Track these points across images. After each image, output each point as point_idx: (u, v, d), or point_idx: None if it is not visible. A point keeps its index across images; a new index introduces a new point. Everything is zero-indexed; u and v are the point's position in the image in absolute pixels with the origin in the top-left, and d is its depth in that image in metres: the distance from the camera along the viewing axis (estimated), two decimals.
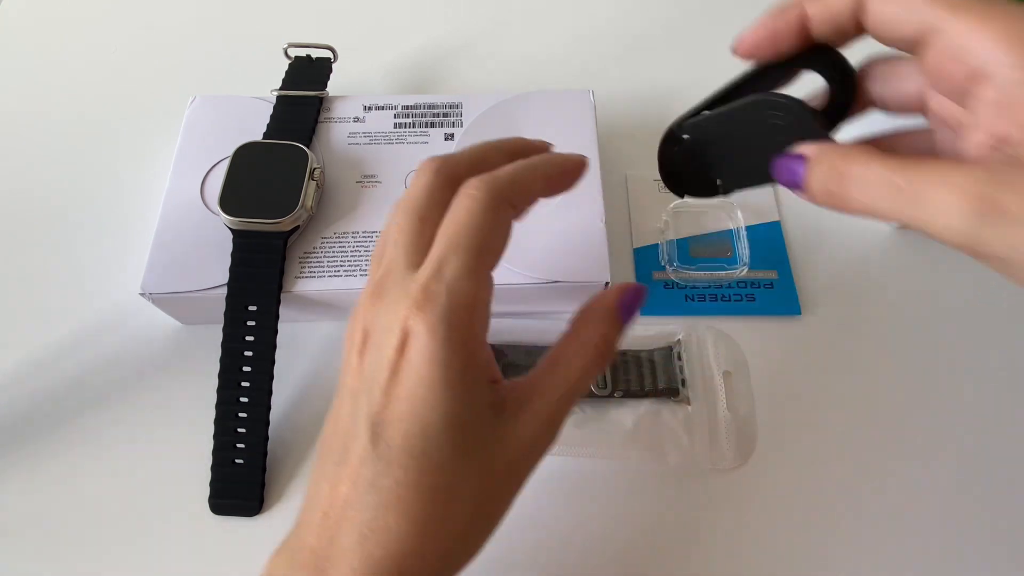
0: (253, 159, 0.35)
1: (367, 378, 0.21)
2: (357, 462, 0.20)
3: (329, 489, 0.21)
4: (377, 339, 0.21)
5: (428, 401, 0.20)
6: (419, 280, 0.21)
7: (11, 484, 0.33)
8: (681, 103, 0.46)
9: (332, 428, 0.22)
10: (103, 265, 0.39)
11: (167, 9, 0.50)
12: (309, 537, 0.21)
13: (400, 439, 0.20)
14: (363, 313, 0.22)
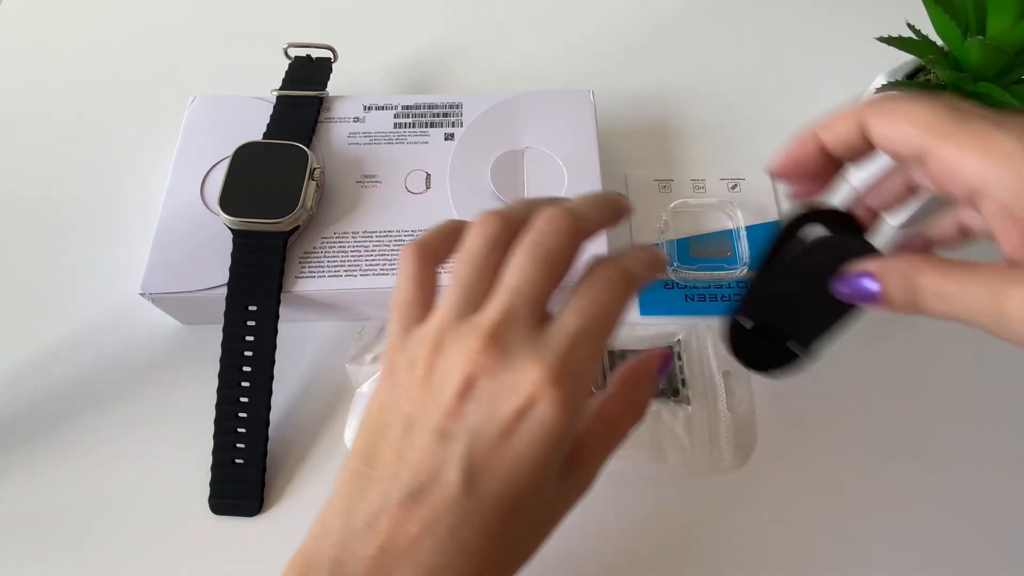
0: (253, 159, 0.35)
1: (470, 426, 0.20)
2: (441, 505, 0.20)
3: (392, 525, 0.20)
4: (493, 391, 0.20)
5: (532, 467, 0.20)
6: (554, 350, 0.20)
7: (11, 484, 0.33)
8: (681, 103, 0.46)
9: (395, 454, 0.21)
10: (103, 265, 0.39)
11: (167, 9, 0.50)
12: (356, 567, 0.20)
13: (494, 495, 0.20)
14: (473, 354, 0.20)
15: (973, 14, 0.33)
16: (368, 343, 0.35)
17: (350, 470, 0.22)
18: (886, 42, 0.34)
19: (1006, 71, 0.33)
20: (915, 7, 0.34)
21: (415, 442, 0.21)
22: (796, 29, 0.50)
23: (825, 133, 0.25)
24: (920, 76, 0.38)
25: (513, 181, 0.37)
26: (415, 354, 0.22)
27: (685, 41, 0.49)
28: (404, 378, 0.22)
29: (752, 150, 0.44)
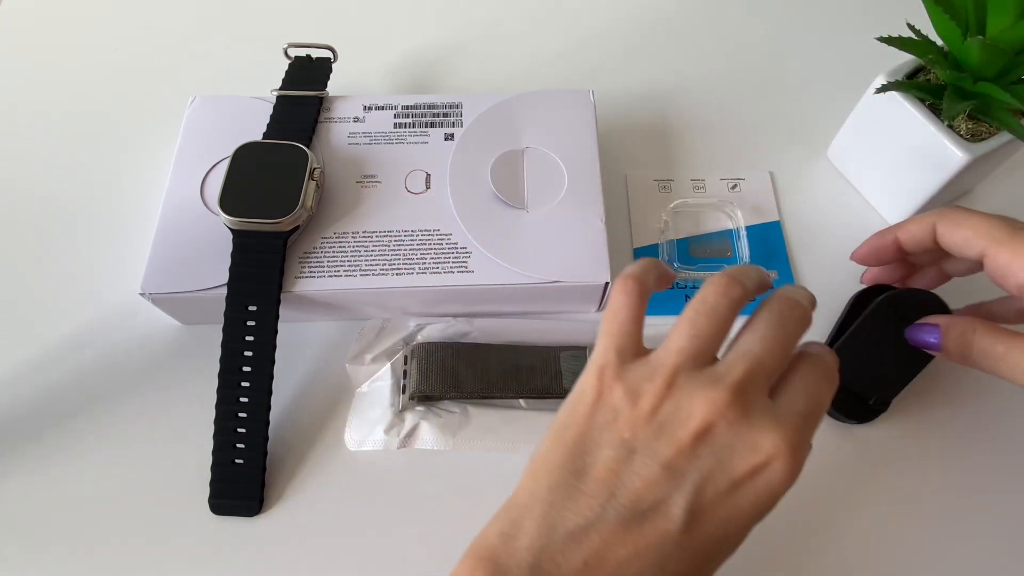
0: (253, 159, 0.35)
1: (701, 469, 0.21)
2: (657, 536, 0.21)
3: (602, 542, 0.21)
4: (730, 443, 0.22)
5: (749, 522, 0.22)
6: (793, 424, 0.22)
7: (11, 484, 0.33)
8: (681, 103, 0.46)
9: (612, 474, 0.22)
10: (103, 265, 0.39)
11: (167, 9, 0.50)
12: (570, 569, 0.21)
13: (707, 539, 0.21)
14: (719, 404, 0.22)
15: (973, 14, 0.33)
16: (368, 343, 0.35)
17: (554, 478, 0.22)
18: (886, 42, 0.34)
19: (1006, 71, 0.33)
20: (915, 7, 0.34)
21: (637, 469, 0.22)
22: (796, 29, 0.50)
23: (902, 233, 0.31)
24: (920, 76, 0.38)
25: (513, 181, 0.37)
26: (641, 387, 0.22)
27: (685, 41, 0.49)
28: (623, 406, 0.22)
29: (752, 150, 0.44)
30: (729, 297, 0.24)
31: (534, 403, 0.34)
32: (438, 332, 0.36)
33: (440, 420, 0.33)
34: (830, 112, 0.44)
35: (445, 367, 0.34)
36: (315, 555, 0.31)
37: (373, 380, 0.35)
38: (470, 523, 0.32)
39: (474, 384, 0.34)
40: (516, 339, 0.36)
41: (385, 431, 0.33)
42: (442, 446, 0.33)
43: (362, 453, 0.34)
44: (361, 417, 0.34)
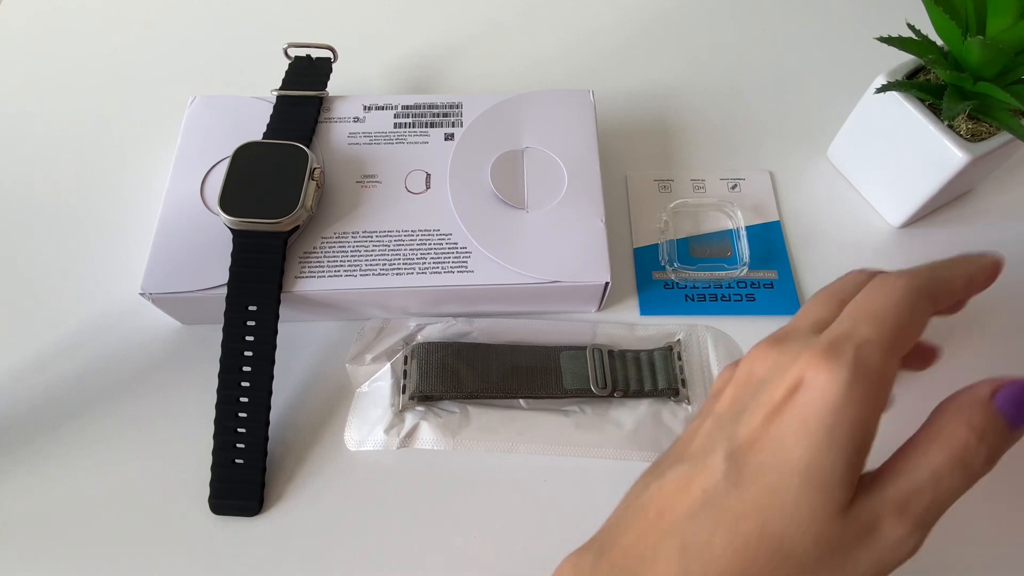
0: (253, 159, 0.35)
1: (740, 409, 0.21)
2: (704, 474, 0.20)
3: (659, 494, 0.21)
4: (763, 376, 0.21)
5: (797, 439, 0.19)
6: (825, 336, 0.20)
7: (11, 484, 0.33)
8: (681, 103, 0.46)
9: (683, 443, 0.23)
10: (103, 265, 0.39)
11: (167, 9, 0.50)
12: (624, 537, 0.22)
13: (755, 466, 0.19)
14: (755, 354, 0.22)
15: (973, 14, 0.33)
16: (368, 343, 0.35)
17: (653, 463, 0.24)
18: (886, 42, 0.34)
19: (1006, 71, 0.33)
20: (915, 7, 0.34)
21: (703, 430, 0.22)
22: (796, 29, 0.50)
23: None
24: (920, 76, 0.38)
25: (513, 181, 0.37)
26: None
27: (685, 41, 0.49)
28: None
29: (752, 150, 0.44)
30: (861, 277, 0.23)
31: (534, 403, 0.34)
32: (438, 332, 0.36)
33: (440, 420, 0.33)
34: (830, 112, 0.44)
35: (445, 367, 0.34)
36: (315, 555, 0.31)
37: (373, 380, 0.35)
38: (470, 523, 0.32)
39: (474, 384, 0.34)
40: (516, 339, 0.36)
41: (385, 431, 0.33)
42: (442, 446, 0.33)
43: (362, 453, 0.34)
44: (361, 417, 0.34)
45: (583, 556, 0.22)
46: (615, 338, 0.36)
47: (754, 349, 0.22)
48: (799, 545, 0.19)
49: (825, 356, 0.19)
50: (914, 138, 0.36)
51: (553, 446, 0.33)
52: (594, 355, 0.35)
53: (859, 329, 0.20)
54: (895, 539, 0.19)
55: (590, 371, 0.34)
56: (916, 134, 0.36)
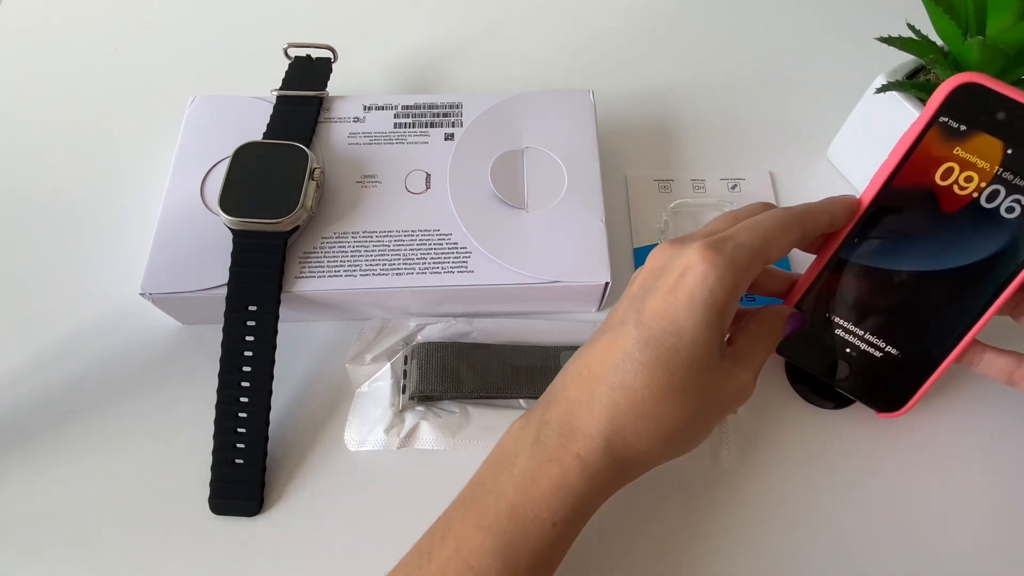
0: (253, 159, 0.35)
1: (647, 288, 0.28)
2: (622, 338, 0.26)
3: (589, 358, 0.27)
4: (663, 266, 0.28)
5: (687, 312, 0.26)
6: (712, 237, 0.27)
7: (11, 484, 0.33)
8: (681, 103, 0.46)
9: (608, 321, 0.28)
10: (103, 265, 0.39)
11: (167, 9, 0.50)
12: (565, 392, 0.27)
13: (657, 330, 0.26)
14: (657, 250, 0.29)
15: (973, 14, 0.33)
16: (368, 343, 0.35)
17: None
18: (886, 42, 0.34)
19: (1006, 71, 0.33)
20: (915, 7, 0.34)
21: (621, 306, 0.28)
22: (796, 29, 0.50)
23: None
24: (920, 76, 0.38)
25: (513, 181, 0.37)
26: None
27: (685, 41, 0.49)
28: None
29: (752, 150, 0.44)
30: (758, 207, 0.30)
31: (534, 403, 0.34)
32: (438, 332, 0.36)
33: (440, 420, 0.33)
34: (830, 112, 0.44)
35: (445, 367, 0.34)
36: (315, 555, 0.31)
37: (373, 380, 0.35)
38: None
39: (474, 384, 0.34)
40: (516, 339, 0.36)
41: (385, 431, 0.33)
42: (442, 446, 0.33)
43: (362, 453, 0.33)
44: (361, 417, 0.34)
45: (531, 414, 0.27)
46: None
47: (657, 247, 0.29)
48: (691, 382, 0.26)
49: (708, 248, 0.26)
50: None
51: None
52: None
53: (739, 235, 0.27)
54: (744, 396, 0.29)
55: None
56: None
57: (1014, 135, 0.27)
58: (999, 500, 0.33)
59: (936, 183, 0.28)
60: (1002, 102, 0.27)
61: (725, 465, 0.33)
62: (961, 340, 0.29)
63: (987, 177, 0.28)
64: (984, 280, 0.28)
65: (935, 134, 0.28)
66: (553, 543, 0.25)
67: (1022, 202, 0.27)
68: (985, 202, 0.28)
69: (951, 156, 0.28)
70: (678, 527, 0.32)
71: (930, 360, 0.30)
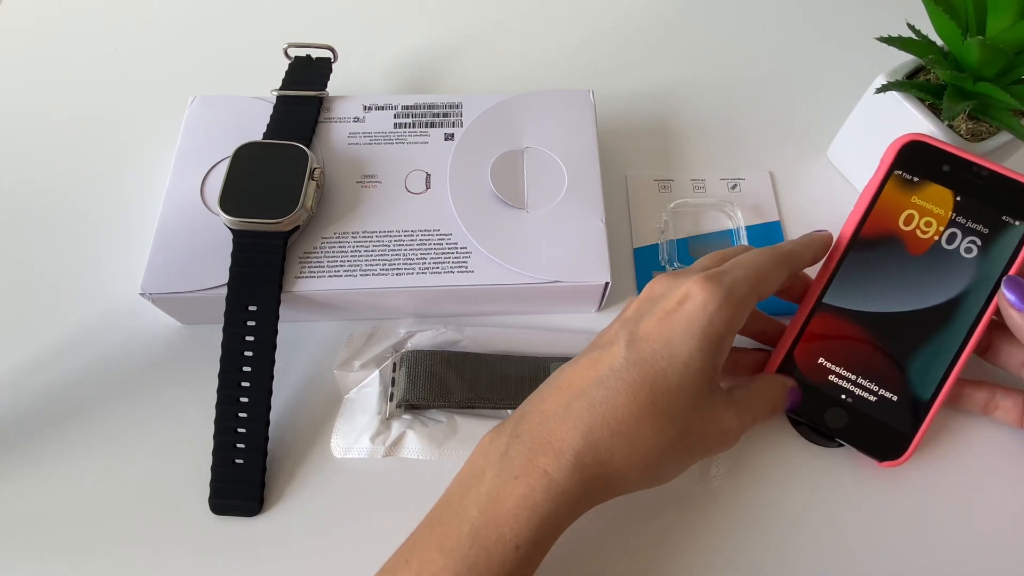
0: (253, 159, 0.35)
1: (642, 313, 0.28)
2: (610, 356, 0.26)
3: (571, 374, 0.27)
4: (661, 294, 0.28)
5: (683, 337, 0.26)
6: (709, 271, 0.28)
7: (11, 484, 0.33)
8: (681, 103, 0.46)
9: (597, 340, 0.29)
10: (103, 265, 0.39)
11: (167, 9, 0.50)
12: (541, 405, 0.27)
13: (648, 353, 0.26)
14: (655, 281, 0.29)
15: (973, 14, 0.33)
16: (357, 349, 0.35)
17: None
18: (886, 42, 0.34)
19: (1006, 71, 0.33)
20: (915, 7, 0.34)
21: (612, 328, 0.29)
22: (796, 29, 0.50)
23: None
24: (920, 76, 0.38)
25: (513, 181, 0.37)
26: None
27: (684, 41, 0.49)
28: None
29: (752, 150, 0.44)
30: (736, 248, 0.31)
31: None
32: (428, 340, 0.36)
33: (427, 430, 0.33)
34: (830, 112, 0.44)
35: (433, 375, 0.34)
36: (315, 555, 0.31)
37: (361, 387, 0.35)
38: None
39: (462, 393, 0.34)
40: (506, 348, 0.36)
41: (371, 439, 0.33)
42: (428, 456, 0.33)
43: (348, 460, 0.33)
44: (349, 424, 0.34)
45: (502, 426, 0.27)
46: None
47: (655, 278, 0.29)
48: (675, 409, 0.26)
49: (708, 280, 0.27)
50: None
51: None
52: None
53: (735, 270, 0.28)
54: (727, 442, 0.29)
55: None
56: None
57: (959, 185, 0.31)
58: (998, 525, 0.33)
59: (901, 228, 0.31)
60: (944, 157, 0.31)
61: (714, 483, 0.33)
62: (948, 378, 0.30)
63: (943, 221, 0.31)
64: (959, 318, 0.30)
65: (893, 186, 0.32)
66: (518, 566, 0.24)
67: (977, 243, 0.30)
68: (946, 244, 0.31)
69: (910, 204, 0.31)
70: (661, 544, 0.31)
71: (923, 403, 0.31)
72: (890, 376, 0.31)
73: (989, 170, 0.30)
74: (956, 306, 0.30)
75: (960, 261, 0.30)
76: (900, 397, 0.31)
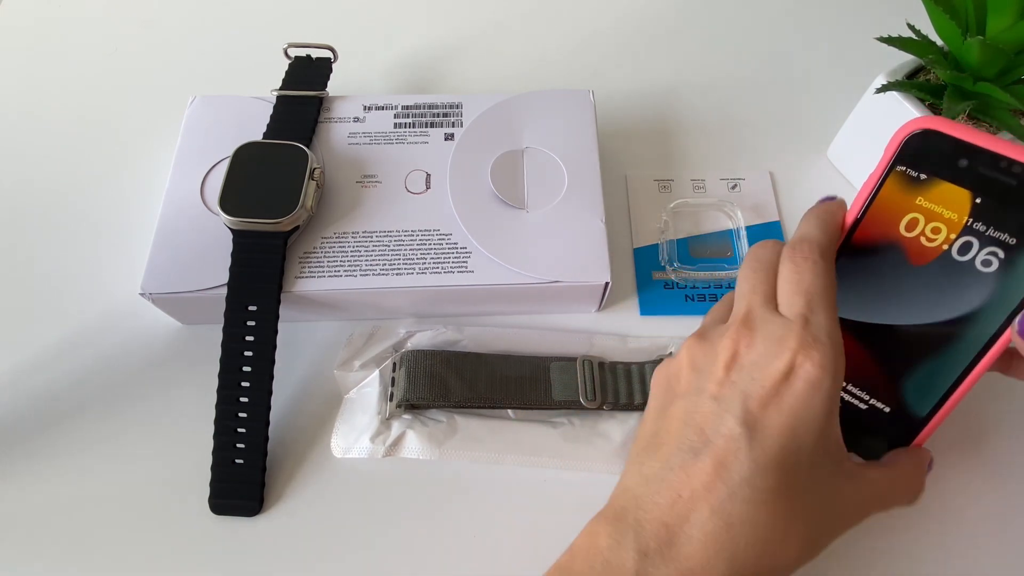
0: (253, 159, 0.35)
1: (742, 389, 0.23)
2: (728, 457, 0.22)
3: (683, 476, 0.23)
4: (755, 360, 0.24)
5: (807, 422, 0.23)
6: (797, 326, 0.24)
7: (11, 484, 0.33)
8: (681, 103, 0.46)
9: (680, 423, 0.24)
10: (103, 265, 0.39)
11: (167, 9, 0.50)
12: (656, 512, 0.23)
13: (776, 446, 0.22)
14: (737, 335, 0.25)
15: (973, 14, 0.33)
16: (357, 349, 0.35)
17: (639, 445, 0.26)
18: (886, 42, 0.34)
19: (1006, 71, 0.33)
20: (915, 7, 0.34)
21: (694, 409, 0.24)
22: (796, 29, 0.50)
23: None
24: (920, 76, 0.38)
25: (513, 181, 0.37)
26: (681, 355, 0.27)
27: (685, 41, 0.49)
28: (676, 372, 0.26)
29: (752, 150, 0.44)
30: (770, 247, 0.27)
31: (522, 414, 0.34)
32: (427, 340, 0.36)
33: (427, 429, 0.33)
34: (830, 112, 0.44)
35: (433, 375, 0.34)
36: (316, 555, 0.31)
37: (361, 387, 0.35)
38: (456, 534, 0.32)
39: (462, 393, 0.34)
40: (506, 348, 0.36)
41: (371, 439, 0.33)
42: (428, 456, 0.33)
43: (348, 460, 0.33)
44: (349, 424, 0.34)
45: (621, 526, 0.23)
46: (607, 350, 0.36)
47: (734, 329, 0.25)
48: (820, 511, 0.23)
49: (809, 346, 0.23)
50: None
51: (540, 458, 0.33)
52: (584, 367, 0.35)
53: (816, 316, 0.24)
54: (855, 521, 0.25)
55: (580, 383, 0.34)
56: None
57: (981, 183, 0.25)
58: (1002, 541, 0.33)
59: (902, 235, 0.26)
60: (963, 149, 0.25)
61: None
62: (950, 397, 0.26)
63: (956, 228, 0.25)
64: (967, 338, 0.26)
65: (894, 184, 0.26)
66: None
67: (999, 255, 0.25)
68: (957, 254, 0.25)
69: (914, 206, 0.26)
70: None
71: (919, 419, 0.27)
72: (883, 387, 0.28)
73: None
74: (965, 325, 0.25)
75: (974, 275, 0.25)
76: (893, 410, 0.28)
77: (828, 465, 0.24)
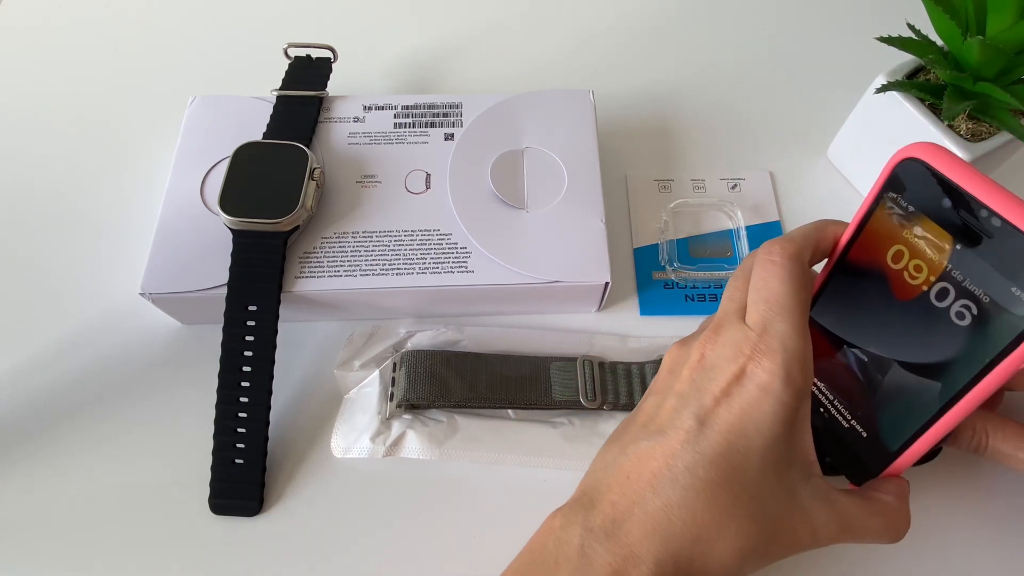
0: (253, 159, 0.35)
1: (700, 389, 0.25)
2: (677, 446, 0.24)
3: (637, 461, 0.24)
4: (713, 363, 0.25)
5: (756, 426, 0.23)
6: (755, 333, 0.24)
7: (11, 484, 0.33)
8: (681, 103, 0.46)
9: (647, 416, 0.26)
10: (103, 265, 0.39)
11: (167, 9, 0.50)
12: (608, 493, 0.24)
13: (721, 444, 0.23)
14: (704, 341, 0.26)
15: (973, 14, 0.33)
16: (357, 349, 0.35)
17: (610, 438, 0.27)
18: (886, 42, 0.34)
19: (1006, 71, 0.33)
20: (915, 7, 0.34)
21: (667, 404, 0.26)
22: (796, 29, 0.50)
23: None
24: (920, 76, 0.38)
25: (513, 181, 0.37)
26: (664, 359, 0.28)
27: (685, 41, 0.49)
28: (658, 374, 0.28)
29: (752, 150, 0.44)
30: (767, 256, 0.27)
31: (522, 414, 0.34)
32: (428, 340, 0.36)
33: (427, 429, 0.33)
34: (830, 112, 0.44)
35: (434, 375, 0.34)
36: (316, 555, 0.31)
37: (361, 386, 0.35)
38: (455, 534, 0.32)
39: (462, 393, 0.34)
40: (506, 348, 0.36)
41: (371, 439, 0.33)
42: (428, 456, 0.33)
43: (348, 460, 0.33)
44: (349, 424, 0.34)
45: (571, 512, 0.25)
46: (607, 350, 0.36)
47: (703, 336, 0.26)
48: (761, 511, 0.23)
49: (761, 353, 0.24)
50: (914, 138, 0.36)
51: (540, 458, 0.33)
52: (584, 367, 0.35)
53: (775, 324, 0.24)
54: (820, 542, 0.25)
55: (580, 383, 0.34)
56: (916, 134, 0.36)
57: (961, 229, 0.22)
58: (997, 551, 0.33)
59: (888, 265, 0.25)
60: (947, 187, 0.22)
61: None
62: (918, 439, 0.25)
63: (936, 271, 0.23)
64: (937, 389, 0.24)
65: (884, 212, 0.24)
66: None
67: (972, 311, 0.22)
68: (935, 299, 0.23)
69: (901, 239, 0.24)
70: None
71: (889, 453, 0.26)
72: (863, 411, 0.27)
73: (1005, 220, 0.21)
74: (938, 372, 0.24)
75: (947, 325, 0.23)
76: (869, 435, 0.27)
77: (791, 475, 0.24)
